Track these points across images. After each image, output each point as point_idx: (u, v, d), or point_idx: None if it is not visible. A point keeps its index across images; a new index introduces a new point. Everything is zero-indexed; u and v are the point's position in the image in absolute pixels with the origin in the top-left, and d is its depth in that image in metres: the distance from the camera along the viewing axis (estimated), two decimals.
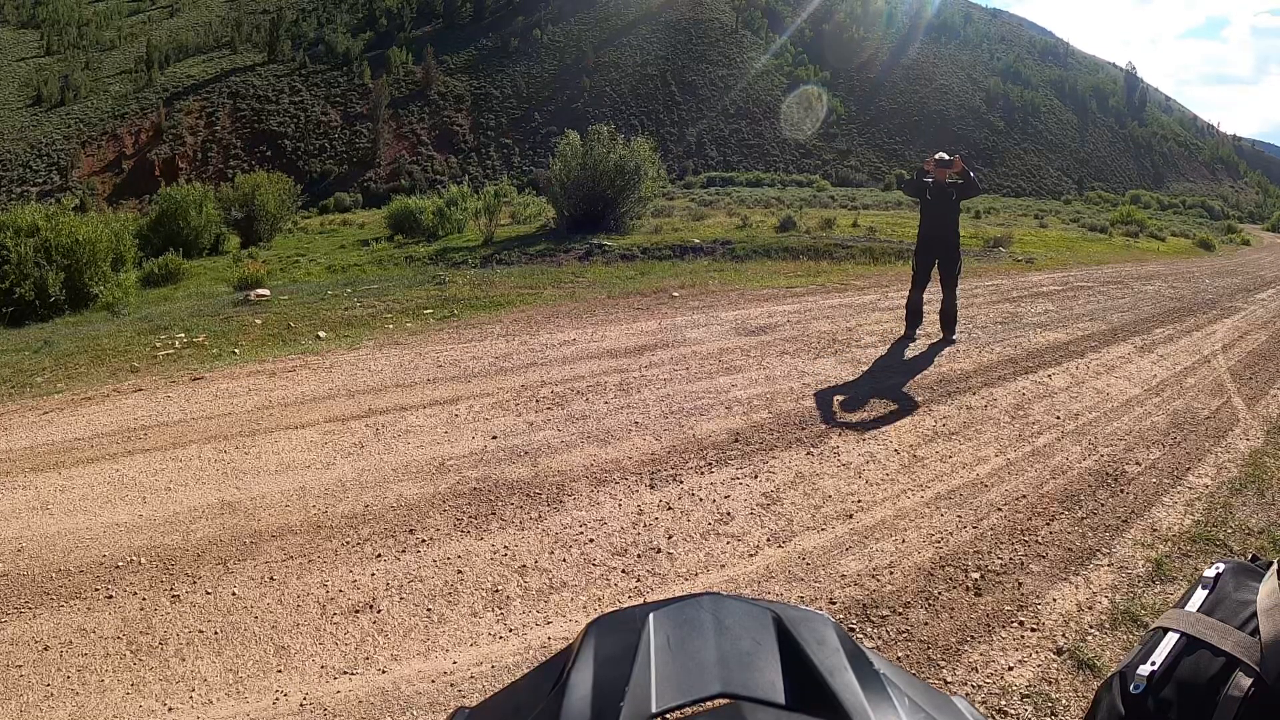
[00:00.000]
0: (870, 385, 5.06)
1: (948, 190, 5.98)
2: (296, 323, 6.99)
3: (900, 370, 5.46)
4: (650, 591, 2.66)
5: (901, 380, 5.21)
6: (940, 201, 6.00)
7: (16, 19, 79.99)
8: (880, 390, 4.96)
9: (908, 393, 4.93)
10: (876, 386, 5.04)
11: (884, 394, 4.88)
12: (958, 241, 6.21)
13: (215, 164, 57.99)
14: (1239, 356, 6.86)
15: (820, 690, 0.40)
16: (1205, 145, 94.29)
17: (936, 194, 6.05)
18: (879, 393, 4.90)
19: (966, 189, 6.07)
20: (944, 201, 5.99)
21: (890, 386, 5.05)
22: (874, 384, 5.10)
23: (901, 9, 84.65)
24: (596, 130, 13.28)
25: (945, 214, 6.06)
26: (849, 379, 5.19)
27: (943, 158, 6.03)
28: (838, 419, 4.38)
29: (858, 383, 5.11)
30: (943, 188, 6.01)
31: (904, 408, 4.63)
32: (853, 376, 5.25)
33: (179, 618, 2.44)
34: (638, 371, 5.25)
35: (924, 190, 6.16)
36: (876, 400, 4.75)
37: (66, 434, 4.14)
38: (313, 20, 77.74)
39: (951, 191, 5.98)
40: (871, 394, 4.87)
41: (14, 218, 9.11)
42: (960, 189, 6.05)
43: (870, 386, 5.03)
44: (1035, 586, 2.73)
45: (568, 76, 68.19)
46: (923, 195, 6.20)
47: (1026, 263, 13.69)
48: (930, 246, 6.20)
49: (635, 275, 9.75)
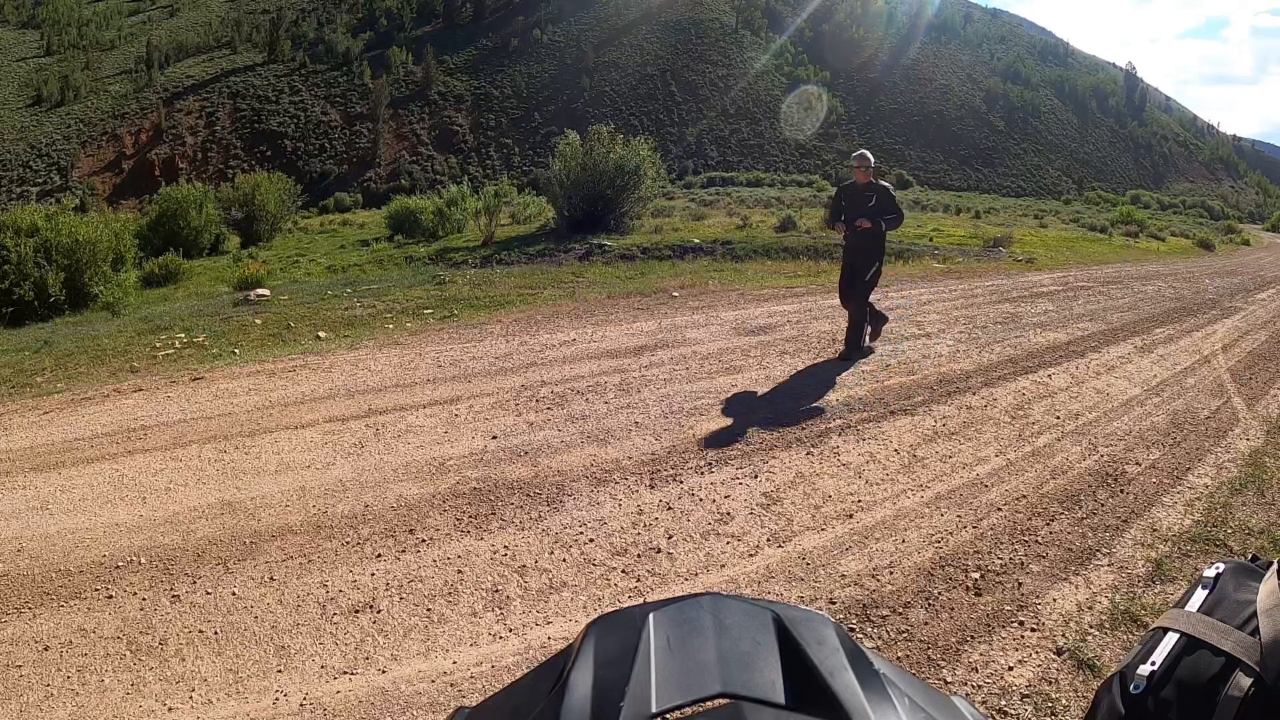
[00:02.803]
0: (870, 385, 5.06)
1: (866, 195, 5.51)
2: (296, 323, 6.99)
3: (900, 370, 5.46)
4: (650, 591, 2.66)
5: (901, 380, 5.21)
6: (856, 207, 5.53)
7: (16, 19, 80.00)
8: (880, 390, 4.96)
9: (908, 393, 4.93)
10: (876, 386, 5.04)
11: (884, 394, 4.88)
12: (875, 250, 5.63)
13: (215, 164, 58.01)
14: (1239, 356, 6.86)
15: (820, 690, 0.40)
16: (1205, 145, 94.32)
17: (851, 198, 5.62)
18: (879, 393, 4.90)
19: (883, 209, 5.48)
20: (859, 208, 5.50)
21: (890, 386, 5.05)
22: (874, 384, 5.10)
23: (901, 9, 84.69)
24: (596, 130, 13.28)
25: (872, 216, 5.51)
26: (849, 378, 5.19)
27: (863, 155, 5.58)
28: (837, 419, 4.38)
29: (858, 382, 5.11)
30: (860, 192, 5.56)
31: (904, 408, 4.63)
32: (853, 376, 5.25)
33: (179, 618, 2.44)
34: (638, 371, 5.25)
35: (840, 197, 5.80)
36: (876, 400, 4.75)
37: (66, 434, 4.14)
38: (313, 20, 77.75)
39: (871, 197, 5.48)
40: (871, 394, 4.87)
41: (14, 218, 9.11)
42: (877, 204, 5.47)
43: (870, 386, 5.03)
44: (1035, 586, 2.73)
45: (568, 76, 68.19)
46: (838, 202, 5.83)
47: (1026, 262, 13.69)
48: (848, 253, 5.80)
49: (635, 275, 9.75)
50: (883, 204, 5.49)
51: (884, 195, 5.51)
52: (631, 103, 65.75)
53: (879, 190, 5.53)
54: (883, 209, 5.49)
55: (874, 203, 5.48)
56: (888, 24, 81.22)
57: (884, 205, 5.49)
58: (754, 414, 4.41)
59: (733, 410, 4.48)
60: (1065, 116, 79.70)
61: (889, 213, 5.51)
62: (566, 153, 13.01)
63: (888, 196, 5.51)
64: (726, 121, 65.71)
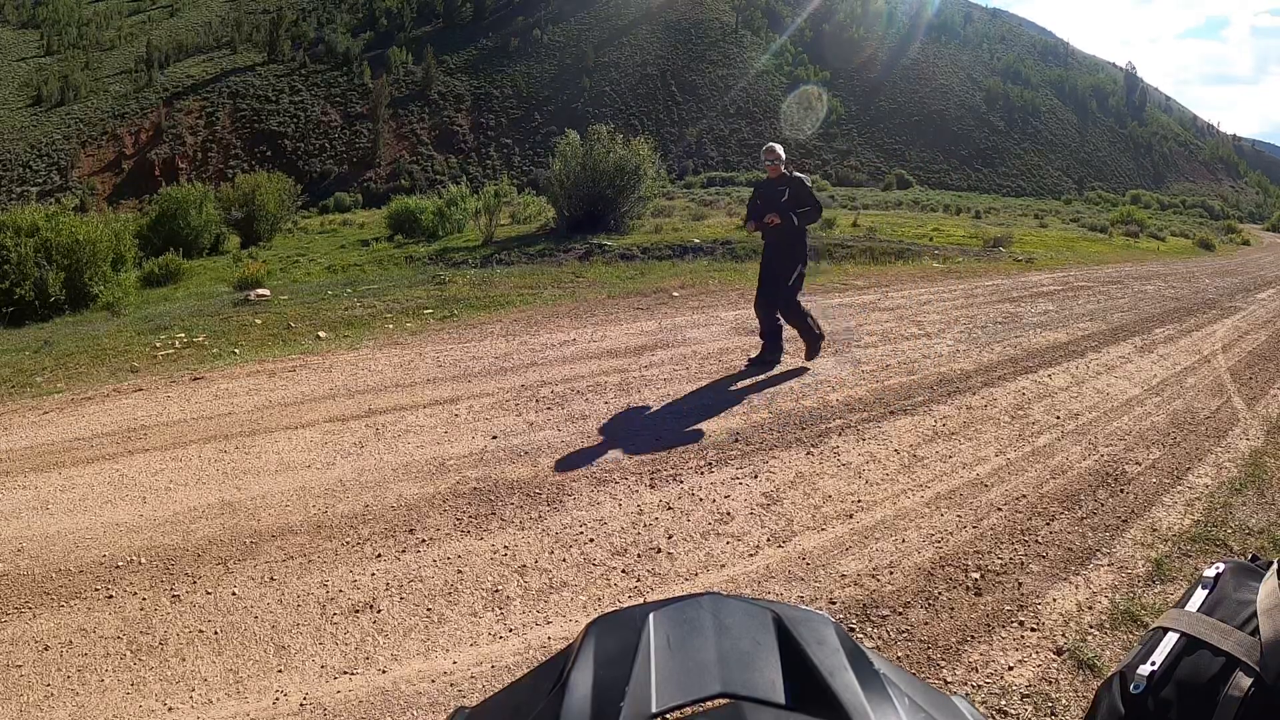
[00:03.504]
0: (870, 385, 5.06)
1: (778, 190, 5.08)
2: (296, 323, 6.99)
3: (900, 370, 5.46)
4: (650, 591, 2.66)
5: (901, 380, 5.21)
6: (769, 204, 5.11)
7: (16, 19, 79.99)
8: (880, 390, 4.96)
9: (908, 392, 4.93)
10: (876, 386, 5.04)
11: (884, 394, 4.88)
12: (796, 250, 5.19)
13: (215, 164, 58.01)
14: (1239, 356, 6.86)
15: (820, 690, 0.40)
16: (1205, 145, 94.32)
17: (764, 195, 5.20)
18: (879, 392, 4.90)
19: (799, 201, 5.04)
20: (772, 203, 5.09)
21: (890, 386, 5.05)
22: (874, 384, 5.10)
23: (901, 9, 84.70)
24: (596, 130, 13.29)
25: (784, 211, 5.10)
26: (849, 379, 5.19)
27: (771, 148, 5.12)
28: (837, 418, 4.38)
29: (858, 383, 5.11)
30: (772, 187, 5.14)
31: (904, 408, 4.63)
32: (853, 376, 5.25)
33: (179, 618, 2.44)
34: (638, 371, 5.25)
35: (755, 195, 5.38)
36: (876, 400, 4.75)
37: (66, 434, 4.14)
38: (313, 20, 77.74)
39: (783, 191, 5.05)
40: (871, 394, 4.87)
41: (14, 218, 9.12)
42: (790, 198, 5.05)
43: (870, 386, 5.03)
44: (1035, 586, 2.73)
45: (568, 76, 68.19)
46: (753, 200, 5.39)
47: (1026, 262, 13.69)
48: (766, 256, 5.37)
49: (635, 275, 9.75)
50: (796, 197, 5.02)
51: (797, 188, 5.03)
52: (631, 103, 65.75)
53: (792, 183, 5.06)
54: (797, 202, 5.02)
55: (786, 197, 5.03)
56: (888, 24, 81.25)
57: (798, 198, 5.02)
58: (754, 414, 4.41)
59: (733, 410, 4.48)
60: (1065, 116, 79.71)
61: (803, 205, 5.03)
62: (566, 153, 13.02)
63: (802, 189, 5.04)
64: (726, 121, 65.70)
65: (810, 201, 5.07)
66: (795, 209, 5.02)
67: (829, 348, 5.90)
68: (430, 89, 66.39)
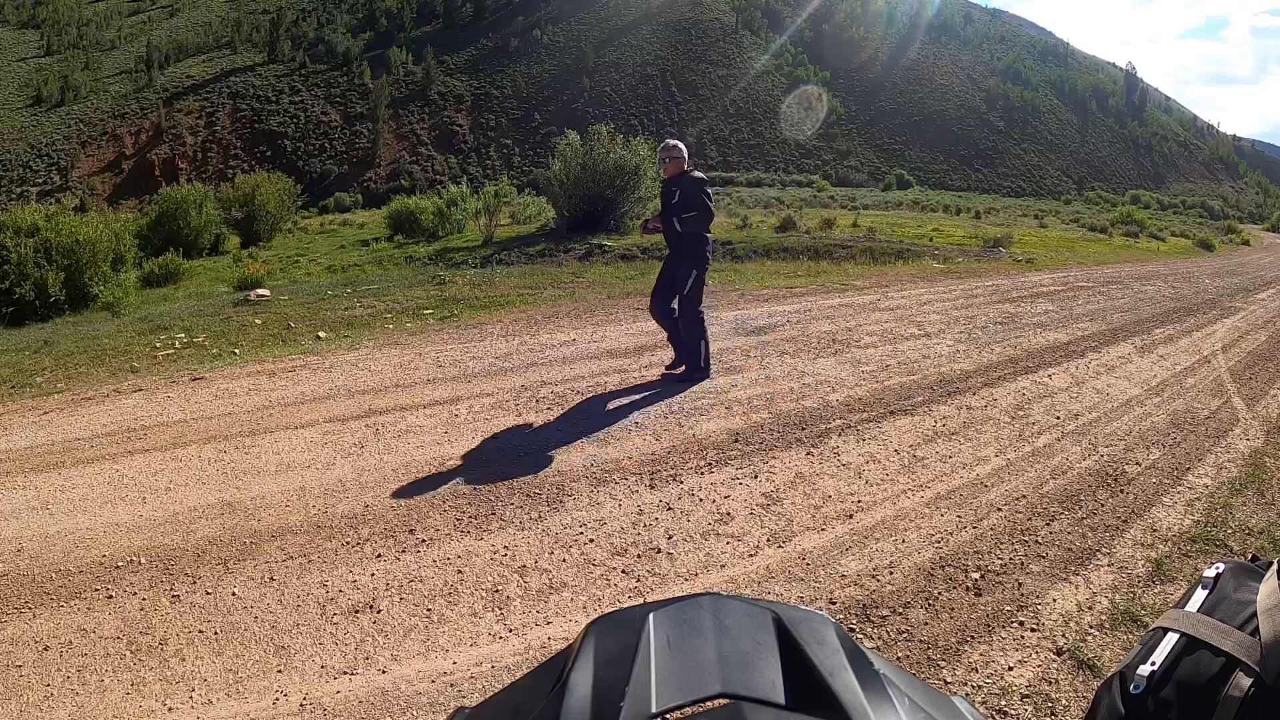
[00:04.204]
0: (870, 385, 5.06)
1: (671, 190, 4.77)
2: (296, 323, 7.00)
3: (900, 370, 5.46)
4: (650, 592, 2.66)
5: (902, 380, 5.21)
6: (665, 201, 4.83)
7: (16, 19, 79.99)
8: (880, 390, 4.96)
9: (908, 393, 4.93)
10: (877, 386, 5.04)
11: (884, 394, 4.88)
12: (692, 255, 4.81)
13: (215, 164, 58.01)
14: (1239, 356, 6.86)
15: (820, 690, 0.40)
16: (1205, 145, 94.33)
17: (664, 192, 4.93)
18: (879, 393, 4.90)
19: (687, 204, 4.68)
20: (666, 202, 4.81)
21: (890, 386, 5.05)
22: (874, 384, 5.10)
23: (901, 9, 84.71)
24: (596, 130, 13.30)
25: (668, 216, 4.78)
26: (849, 379, 5.19)
27: (667, 145, 4.82)
28: (838, 419, 4.38)
29: (858, 383, 5.11)
30: (667, 187, 4.85)
31: (904, 408, 4.62)
32: (853, 376, 5.25)
33: (179, 618, 2.44)
34: (638, 371, 5.25)
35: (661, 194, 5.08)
36: (876, 400, 4.75)
37: (66, 434, 4.14)
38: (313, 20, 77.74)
39: (674, 193, 4.73)
40: (871, 394, 4.87)
41: (14, 218, 9.12)
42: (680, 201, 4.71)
43: (870, 386, 5.03)
44: (1035, 586, 2.73)
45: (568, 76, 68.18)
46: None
47: (1026, 263, 13.69)
48: (667, 259, 5.07)
49: (635, 275, 9.75)
50: (686, 200, 4.65)
51: (688, 189, 4.66)
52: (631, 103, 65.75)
53: (684, 184, 4.68)
54: (686, 205, 4.64)
55: (677, 199, 4.67)
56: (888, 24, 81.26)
57: (687, 201, 4.64)
58: (754, 414, 4.41)
59: (733, 410, 4.47)
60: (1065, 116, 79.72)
61: (691, 209, 4.63)
62: (566, 153, 13.03)
63: (694, 191, 4.65)
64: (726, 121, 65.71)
65: (700, 206, 4.65)
66: (684, 212, 4.66)
67: (829, 348, 5.89)
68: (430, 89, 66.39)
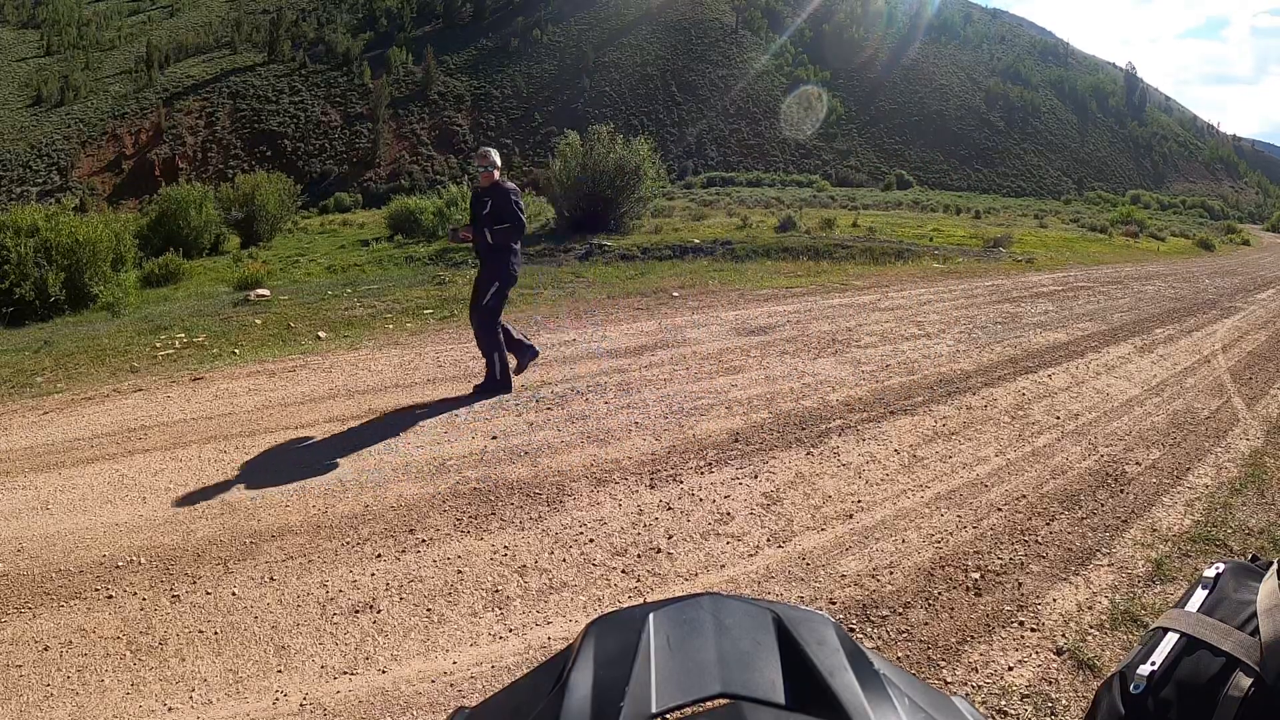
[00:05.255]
0: (870, 385, 5.06)
1: (483, 200, 4.74)
2: (296, 323, 7.00)
3: (900, 370, 5.46)
4: (650, 591, 2.66)
5: (902, 380, 5.21)
6: (475, 211, 4.80)
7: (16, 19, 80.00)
8: (880, 390, 4.96)
9: (908, 393, 4.93)
10: (877, 386, 5.04)
11: (884, 394, 4.88)
12: (496, 268, 4.72)
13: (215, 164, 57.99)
14: (1239, 356, 6.86)
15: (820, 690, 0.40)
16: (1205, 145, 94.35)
17: (473, 202, 4.90)
18: (879, 393, 4.90)
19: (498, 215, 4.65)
20: (477, 212, 4.77)
21: (890, 386, 5.05)
22: (874, 384, 5.10)
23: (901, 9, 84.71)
24: (596, 130, 13.30)
25: (479, 227, 4.73)
26: (849, 379, 5.19)
27: (484, 153, 4.81)
28: (838, 419, 4.38)
29: (858, 383, 5.11)
30: (479, 197, 4.81)
31: (904, 408, 4.63)
32: (853, 376, 5.25)
33: (179, 618, 2.44)
34: (638, 371, 5.25)
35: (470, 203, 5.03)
36: (876, 400, 4.75)
37: (66, 434, 4.14)
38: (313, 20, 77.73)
39: (486, 203, 4.70)
40: (872, 394, 4.87)
41: (14, 218, 9.12)
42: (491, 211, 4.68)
43: (870, 386, 5.03)
44: (1035, 586, 2.73)
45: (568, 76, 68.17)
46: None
47: (1026, 263, 13.70)
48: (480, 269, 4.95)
49: (635, 275, 9.75)
50: (497, 211, 4.67)
51: (499, 200, 4.68)
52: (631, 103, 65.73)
53: (495, 194, 4.70)
54: (497, 217, 4.66)
55: (488, 209, 4.69)
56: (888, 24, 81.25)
57: (497, 212, 4.67)
58: (754, 414, 4.41)
59: (733, 410, 4.47)
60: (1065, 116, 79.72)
61: (502, 220, 4.64)
62: (566, 153, 13.03)
63: (504, 201, 4.66)
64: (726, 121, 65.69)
65: (510, 217, 4.64)
66: (495, 224, 4.65)
67: (829, 348, 5.89)
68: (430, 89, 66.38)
